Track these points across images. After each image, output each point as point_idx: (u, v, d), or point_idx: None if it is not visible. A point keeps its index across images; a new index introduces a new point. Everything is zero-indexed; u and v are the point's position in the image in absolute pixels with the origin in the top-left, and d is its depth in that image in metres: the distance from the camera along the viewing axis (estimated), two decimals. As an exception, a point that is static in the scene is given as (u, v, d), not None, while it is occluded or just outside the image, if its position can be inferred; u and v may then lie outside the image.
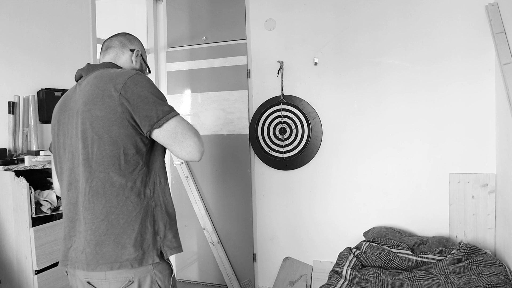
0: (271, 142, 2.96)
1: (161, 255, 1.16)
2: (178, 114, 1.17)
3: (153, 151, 1.21)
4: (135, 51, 1.36)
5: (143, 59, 1.41)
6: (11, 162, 1.91)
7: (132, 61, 1.36)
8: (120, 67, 1.30)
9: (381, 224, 2.70)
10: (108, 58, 1.33)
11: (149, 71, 1.48)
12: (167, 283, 1.19)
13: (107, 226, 1.11)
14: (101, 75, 1.17)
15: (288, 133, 2.91)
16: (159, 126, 1.12)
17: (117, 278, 1.12)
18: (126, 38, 1.37)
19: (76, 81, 1.29)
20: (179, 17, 3.21)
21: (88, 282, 1.14)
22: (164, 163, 1.27)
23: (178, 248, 1.22)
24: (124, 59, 1.34)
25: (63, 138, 1.23)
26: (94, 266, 1.11)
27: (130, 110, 1.11)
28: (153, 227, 1.16)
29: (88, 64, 1.27)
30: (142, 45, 1.44)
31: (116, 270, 1.10)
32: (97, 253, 1.11)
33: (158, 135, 1.14)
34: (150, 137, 1.16)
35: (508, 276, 1.91)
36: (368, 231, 2.65)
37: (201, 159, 1.19)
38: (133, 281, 1.12)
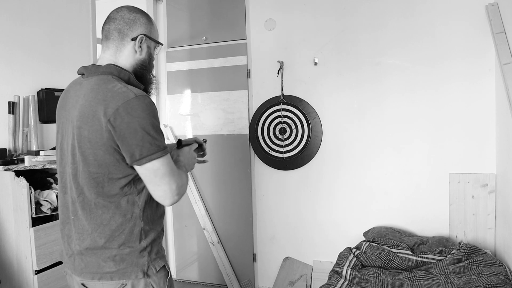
0: (271, 142, 2.96)
1: (148, 271, 1.13)
2: (166, 154, 1.08)
3: None
4: (138, 38, 1.18)
5: (150, 39, 1.23)
6: (11, 162, 1.91)
7: (135, 52, 1.19)
8: (124, 69, 1.18)
9: (381, 224, 2.70)
10: (109, 54, 1.19)
11: (161, 44, 1.30)
12: (163, 285, 1.16)
13: (90, 241, 1.11)
14: (97, 89, 1.08)
15: (288, 133, 2.91)
16: (140, 164, 1.06)
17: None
18: (125, 24, 1.18)
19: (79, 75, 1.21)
20: (179, 17, 3.21)
21: (83, 284, 1.14)
22: None
23: (164, 259, 1.20)
24: (126, 54, 1.19)
25: (61, 137, 1.21)
26: (79, 273, 1.12)
27: (116, 140, 1.05)
28: (140, 244, 1.13)
29: (93, 64, 1.18)
30: (146, 23, 1.21)
31: (96, 280, 1.10)
32: (82, 261, 1.12)
33: (138, 169, 1.08)
34: None
35: (508, 276, 1.91)
36: (368, 231, 2.64)
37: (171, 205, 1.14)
38: (126, 284, 1.11)
